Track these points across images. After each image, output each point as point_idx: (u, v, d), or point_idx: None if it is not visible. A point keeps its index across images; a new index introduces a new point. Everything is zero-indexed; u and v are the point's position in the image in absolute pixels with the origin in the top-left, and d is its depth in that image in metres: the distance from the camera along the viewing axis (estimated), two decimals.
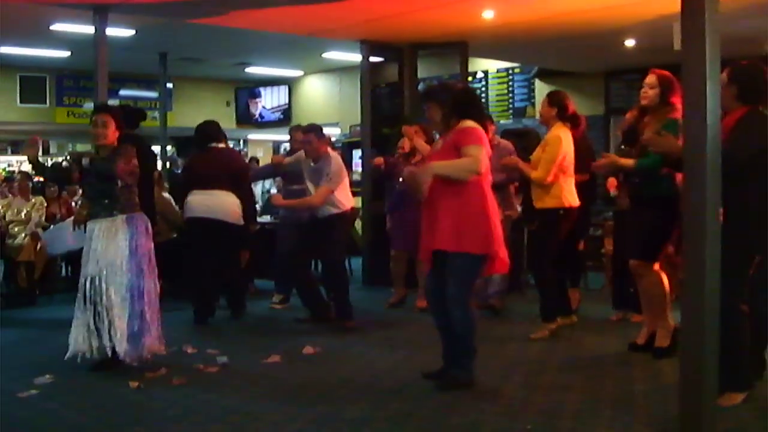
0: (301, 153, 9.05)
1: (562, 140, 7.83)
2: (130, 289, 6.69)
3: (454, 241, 5.95)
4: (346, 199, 8.88)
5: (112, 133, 6.89)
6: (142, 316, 6.74)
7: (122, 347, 6.59)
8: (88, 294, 6.64)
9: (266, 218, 11.70)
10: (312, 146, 8.73)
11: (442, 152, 6.16)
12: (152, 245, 6.94)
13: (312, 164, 8.81)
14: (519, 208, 9.27)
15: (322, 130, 8.99)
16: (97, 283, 6.63)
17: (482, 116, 6.45)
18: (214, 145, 9.24)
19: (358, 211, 12.77)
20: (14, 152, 25.72)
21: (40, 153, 8.32)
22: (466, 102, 6.29)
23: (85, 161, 6.91)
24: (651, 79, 6.97)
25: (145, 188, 7.24)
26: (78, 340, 6.66)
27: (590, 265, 11.10)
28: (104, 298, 6.61)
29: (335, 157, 8.89)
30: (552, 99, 8.06)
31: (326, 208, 8.67)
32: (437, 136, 6.91)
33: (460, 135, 6.05)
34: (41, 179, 12.89)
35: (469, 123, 6.09)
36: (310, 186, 8.81)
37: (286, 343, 7.81)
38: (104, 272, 6.64)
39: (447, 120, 6.18)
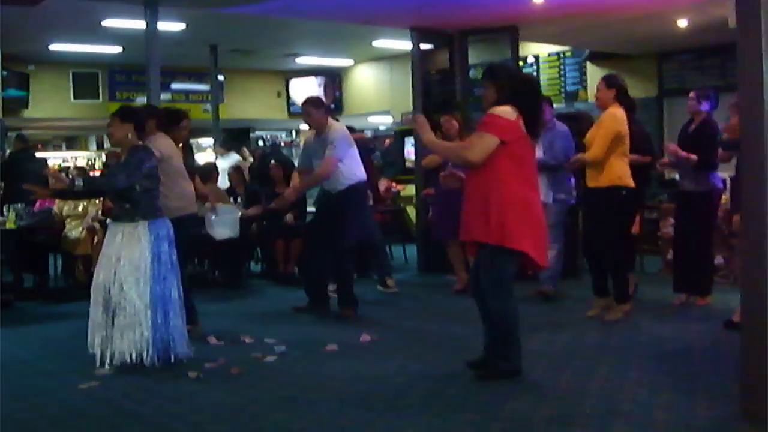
0: (310, 138, 8.98)
1: (617, 118, 7.79)
2: (153, 295, 6.61)
3: (478, 231, 5.92)
4: (358, 170, 8.73)
5: (122, 136, 6.78)
6: (167, 322, 6.67)
7: (148, 353, 6.55)
8: (108, 299, 6.58)
9: None
10: (312, 118, 8.61)
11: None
12: (175, 250, 6.82)
13: (317, 137, 8.69)
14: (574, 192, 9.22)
15: (321, 101, 8.94)
16: (120, 289, 6.55)
17: (535, 110, 6.17)
18: None
19: (395, 194, 12.85)
20: (69, 148, 26.02)
21: (94, 148, 8.40)
22: (519, 92, 6.08)
23: (111, 161, 6.86)
24: None
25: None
26: (95, 342, 6.65)
27: (646, 248, 11.01)
28: (128, 305, 6.53)
29: (339, 126, 8.82)
30: (610, 81, 8.02)
31: (338, 181, 8.56)
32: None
33: (483, 120, 6.00)
34: (97, 174, 13.01)
35: (501, 110, 5.92)
36: (316, 164, 8.69)
37: (343, 332, 7.82)
38: (129, 279, 6.56)
39: (498, 105, 6.02)
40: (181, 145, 8.10)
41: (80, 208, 10.80)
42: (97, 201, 10.97)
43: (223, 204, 8.38)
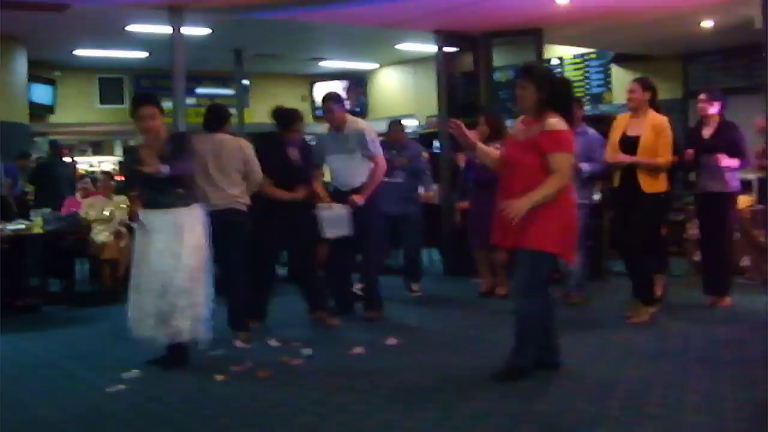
0: (324, 135, 8.92)
1: (667, 123, 7.92)
2: (204, 275, 6.78)
3: (520, 235, 5.86)
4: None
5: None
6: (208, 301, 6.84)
7: (201, 333, 6.72)
8: (167, 284, 6.63)
9: None
10: (333, 114, 8.56)
11: (525, 150, 5.95)
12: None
13: (335, 134, 8.63)
14: (595, 196, 9.19)
15: (340, 96, 8.90)
16: (185, 271, 6.65)
17: (571, 114, 6.24)
18: None
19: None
20: (95, 153, 26.12)
21: (120, 153, 8.49)
22: (563, 95, 6.10)
23: (163, 173, 6.88)
24: None
25: None
26: (145, 329, 6.69)
27: (673, 251, 10.96)
28: (183, 285, 6.64)
29: (363, 121, 8.89)
30: (645, 84, 8.07)
31: (356, 179, 8.54)
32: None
33: (548, 139, 5.85)
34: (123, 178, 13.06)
35: (557, 123, 5.87)
36: (334, 159, 8.63)
37: (370, 335, 7.82)
38: (193, 261, 6.70)
39: (540, 107, 5.95)
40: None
41: (107, 212, 10.87)
42: (122, 205, 11.03)
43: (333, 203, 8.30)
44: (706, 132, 8.58)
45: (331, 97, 8.71)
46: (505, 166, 6.12)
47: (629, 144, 7.89)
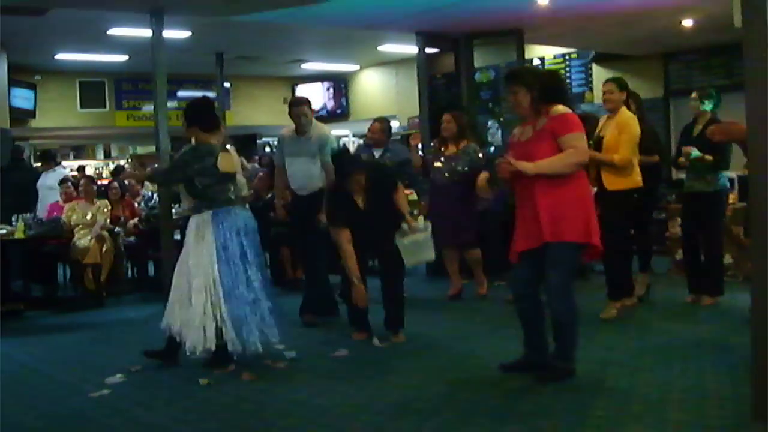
0: (287, 137, 8.81)
1: (636, 122, 7.94)
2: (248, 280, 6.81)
3: (553, 231, 5.78)
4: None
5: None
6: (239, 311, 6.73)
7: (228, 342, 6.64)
8: (208, 287, 6.61)
9: None
10: (308, 118, 8.53)
11: (536, 140, 5.91)
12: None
13: (299, 137, 8.57)
14: None
15: (310, 102, 8.87)
16: (223, 276, 6.65)
17: (570, 100, 6.25)
18: None
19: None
20: (76, 157, 26.05)
21: (101, 157, 8.45)
22: (554, 86, 6.11)
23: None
24: None
25: None
26: (198, 337, 6.59)
27: (655, 249, 10.99)
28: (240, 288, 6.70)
29: (328, 129, 8.93)
30: (621, 83, 8.14)
31: (313, 183, 8.51)
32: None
33: (557, 122, 5.85)
34: (105, 182, 13.03)
35: (562, 108, 5.90)
36: (293, 162, 8.58)
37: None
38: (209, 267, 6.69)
39: (536, 105, 5.94)
40: None
41: (89, 217, 10.84)
42: (105, 210, 11.01)
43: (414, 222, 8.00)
44: (697, 130, 8.56)
45: (305, 101, 8.73)
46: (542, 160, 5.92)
47: (600, 144, 7.95)
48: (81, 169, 22.17)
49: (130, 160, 19.10)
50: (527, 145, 5.98)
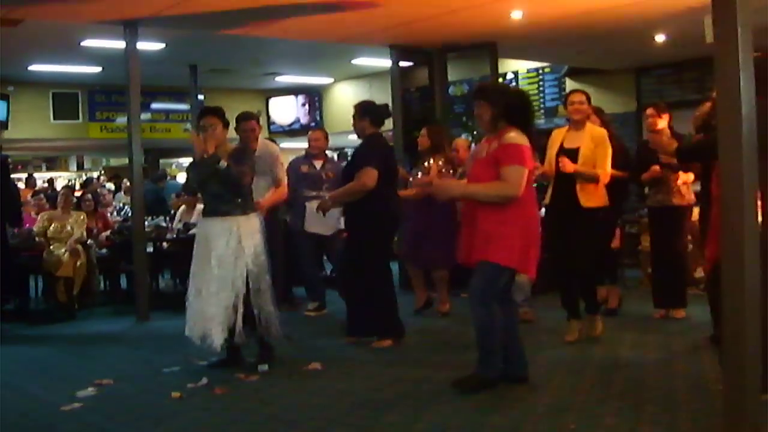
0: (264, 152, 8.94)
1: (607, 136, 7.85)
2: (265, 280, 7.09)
3: (484, 250, 5.93)
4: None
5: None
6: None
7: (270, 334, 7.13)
8: (221, 286, 6.84)
9: None
10: (257, 134, 8.72)
11: (485, 163, 6.06)
12: None
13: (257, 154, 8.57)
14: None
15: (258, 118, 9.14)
16: (237, 276, 6.88)
17: (530, 124, 6.24)
18: None
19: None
20: (49, 169, 25.91)
21: (74, 169, 8.43)
22: (517, 107, 6.14)
23: (222, 164, 6.92)
24: None
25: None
26: (205, 330, 6.84)
27: (627, 263, 11.05)
28: (259, 289, 6.99)
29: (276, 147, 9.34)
30: (588, 95, 8.00)
31: (260, 195, 8.50)
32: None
33: (502, 152, 5.94)
34: (80, 193, 12.95)
35: (514, 136, 5.95)
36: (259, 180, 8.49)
37: (326, 350, 7.81)
38: (257, 266, 6.98)
39: (495, 122, 6.07)
40: None
41: (69, 228, 10.80)
42: (81, 217, 10.96)
43: None
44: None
45: (252, 116, 8.79)
46: (471, 184, 6.19)
47: (568, 156, 7.65)
48: (51, 181, 21.99)
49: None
50: (479, 164, 6.18)
